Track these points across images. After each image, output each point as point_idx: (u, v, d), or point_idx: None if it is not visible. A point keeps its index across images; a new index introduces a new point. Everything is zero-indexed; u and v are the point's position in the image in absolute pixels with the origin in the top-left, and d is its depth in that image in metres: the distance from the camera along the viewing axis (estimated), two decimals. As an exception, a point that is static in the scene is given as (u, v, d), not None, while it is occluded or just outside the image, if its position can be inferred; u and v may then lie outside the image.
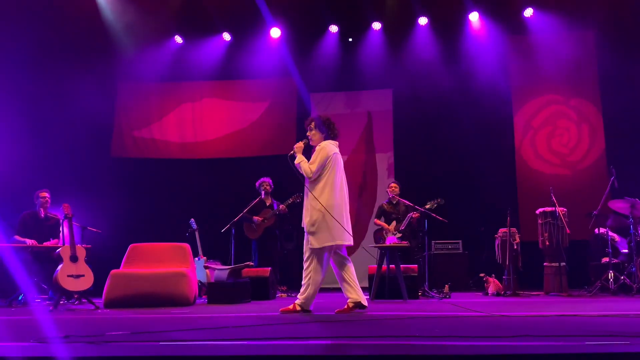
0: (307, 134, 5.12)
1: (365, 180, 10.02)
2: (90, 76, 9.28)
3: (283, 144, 9.48)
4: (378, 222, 7.76)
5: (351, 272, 4.92)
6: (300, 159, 4.98)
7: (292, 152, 5.04)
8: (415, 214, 7.32)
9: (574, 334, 3.10)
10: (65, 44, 9.31)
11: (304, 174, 4.92)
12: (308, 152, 5.08)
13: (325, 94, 10.27)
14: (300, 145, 5.05)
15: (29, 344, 2.98)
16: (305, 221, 4.88)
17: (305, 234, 4.92)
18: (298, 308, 4.84)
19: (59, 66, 9.28)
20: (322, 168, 4.88)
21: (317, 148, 4.99)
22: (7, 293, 6.24)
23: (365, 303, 4.83)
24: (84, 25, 9.26)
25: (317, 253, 4.83)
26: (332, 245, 4.81)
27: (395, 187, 7.78)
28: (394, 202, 7.72)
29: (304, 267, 4.89)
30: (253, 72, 10.15)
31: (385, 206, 7.78)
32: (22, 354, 2.65)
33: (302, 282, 4.89)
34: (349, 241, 4.87)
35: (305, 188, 4.98)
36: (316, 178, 4.88)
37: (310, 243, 4.82)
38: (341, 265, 4.93)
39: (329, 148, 4.94)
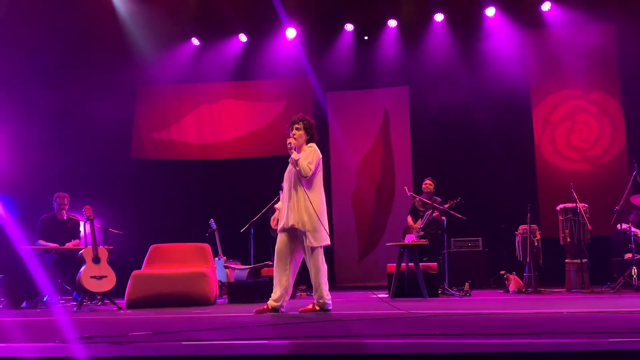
0: (293, 133, 5.00)
1: (383, 178, 9.98)
2: (109, 79, 9.41)
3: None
4: (409, 218, 7.67)
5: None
6: (297, 156, 4.87)
7: (290, 147, 4.89)
8: (435, 213, 7.26)
9: (597, 331, 3.06)
10: (84, 48, 9.43)
11: (302, 172, 4.81)
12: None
13: (341, 93, 10.25)
14: (293, 142, 4.96)
15: (53, 344, 3.03)
16: (304, 219, 4.79)
17: (285, 234, 4.90)
18: (317, 308, 4.85)
19: (79, 70, 9.41)
20: (317, 168, 4.91)
21: (309, 149, 4.95)
22: (32, 295, 6.36)
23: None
24: (102, 30, 9.37)
25: (318, 252, 4.82)
26: (326, 244, 4.84)
27: (429, 184, 7.60)
28: (425, 199, 7.57)
29: (309, 268, 4.87)
30: (269, 73, 10.16)
31: (417, 204, 7.62)
32: (46, 354, 2.71)
33: (312, 282, 4.89)
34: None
35: (300, 187, 4.87)
36: (310, 177, 4.87)
37: (310, 242, 4.77)
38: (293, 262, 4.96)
39: (318, 150, 4.98)
